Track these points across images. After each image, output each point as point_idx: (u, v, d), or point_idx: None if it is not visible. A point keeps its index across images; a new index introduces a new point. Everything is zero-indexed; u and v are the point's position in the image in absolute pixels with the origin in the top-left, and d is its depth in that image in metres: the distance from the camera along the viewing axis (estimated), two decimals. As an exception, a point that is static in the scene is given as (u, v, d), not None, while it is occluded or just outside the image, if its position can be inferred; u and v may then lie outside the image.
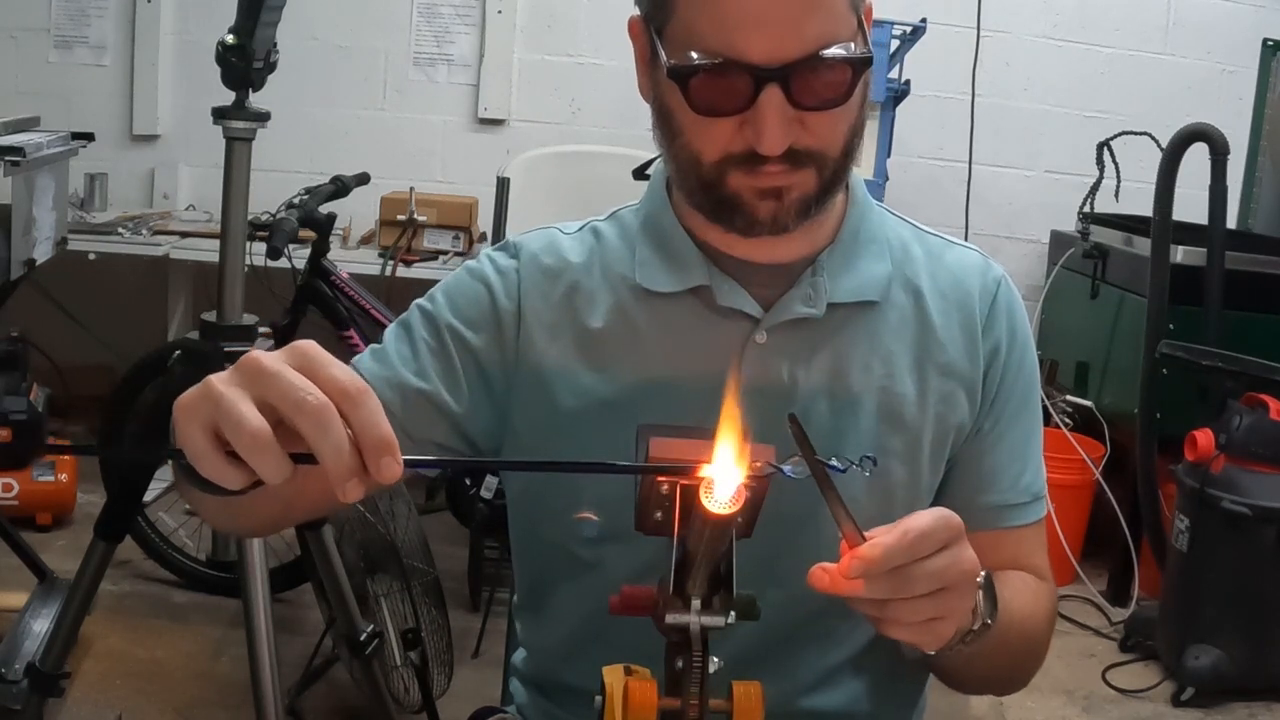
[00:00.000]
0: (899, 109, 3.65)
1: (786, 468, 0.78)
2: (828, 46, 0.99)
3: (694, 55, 1.00)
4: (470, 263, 1.21)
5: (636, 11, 1.09)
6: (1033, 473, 1.21)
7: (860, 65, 1.01)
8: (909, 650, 1.06)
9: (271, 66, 2.01)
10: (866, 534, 0.87)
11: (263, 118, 2.03)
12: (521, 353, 1.15)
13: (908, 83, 3.61)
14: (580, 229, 1.21)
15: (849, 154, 1.07)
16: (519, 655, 1.32)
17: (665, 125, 1.08)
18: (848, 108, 1.03)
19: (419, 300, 1.20)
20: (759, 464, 0.75)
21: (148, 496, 3.09)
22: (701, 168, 1.05)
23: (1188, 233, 3.35)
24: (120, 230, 3.59)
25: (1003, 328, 1.18)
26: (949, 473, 1.19)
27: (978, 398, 1.17)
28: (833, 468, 0.80)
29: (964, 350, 1.17)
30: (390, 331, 1.19)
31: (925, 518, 0.90)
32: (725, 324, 1.12)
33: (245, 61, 1.95)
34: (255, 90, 2.01)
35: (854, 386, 1.13)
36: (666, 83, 1.04)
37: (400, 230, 3.57)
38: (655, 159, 1.19)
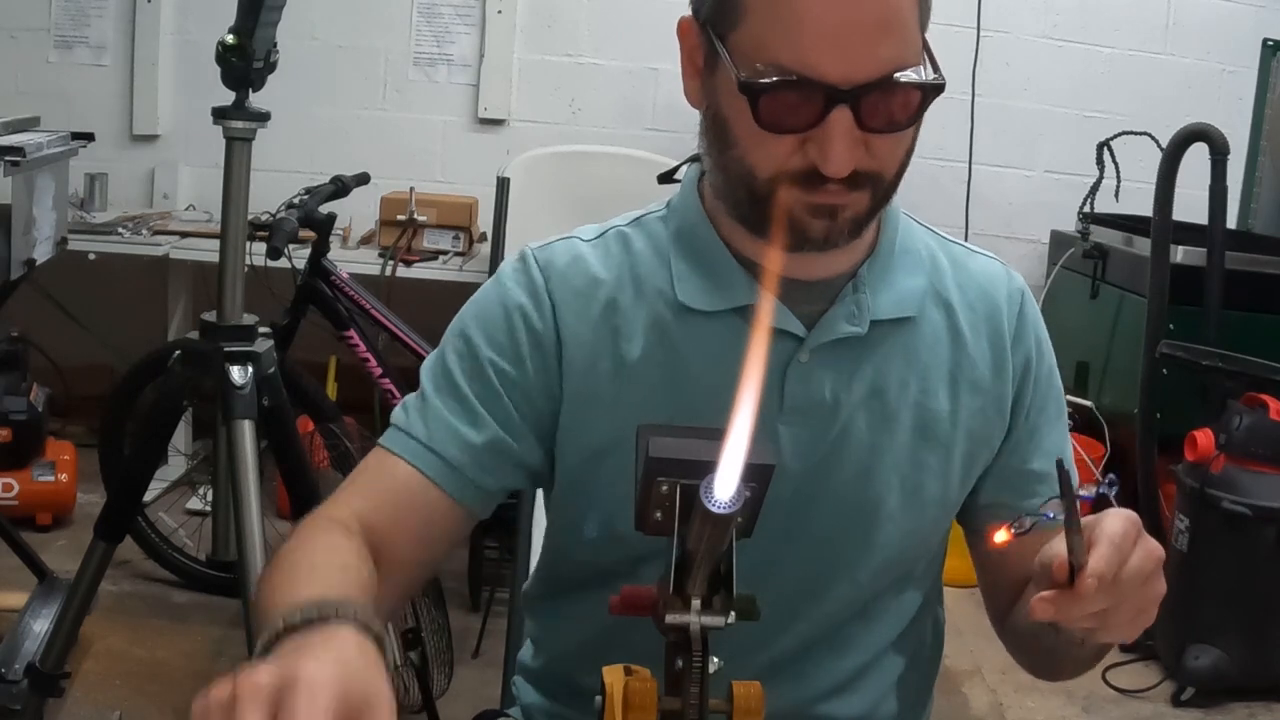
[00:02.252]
0: (899, 109, 3.64)
1: (1049, 513, 0.89)
2: (900, 70, 0.98)
3: (764, 68, 0.97)
4: (493, 289, 1.15)
5: (687, 12, 1.06)
6: (1071, 468, 1.21)
7: (931, 91, 1.00)
8: (1069, 647, 1.07)
9: (271, 66, 2.02)
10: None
11: (263, 118, 2.03)
12: (565, 377, 1.12)
13: (908, 83, 3.61)
14: (601, 236, 1.17)
15: (901, 174, 1.06)
16: (526, 652, 1.30)
17: (719, 135, 1.04)
18: (908, 130, 1.02)
19: (451, 341, 1.14)
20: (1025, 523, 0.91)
21: (148, 496, 3.09)
22: (755, 182, 1.02)
23: (1188, 233, 3.35)
24: (120, 230, 3.59)
25: (1031, 341, 1.19)
26: (994, 484, 1.19)
27: (1006, 413, 1.17)
28: (1085, 497, 0.89)
29: (992, 364, 1.16)
30: (430, 383, 1.13)
31: (1115, 521, 0.92)
32: (769, 342, 1.08)
33: (245, 61, 1.96)
34: (255, 90, 2.01)
35: (892, 403, 1.12)
36: (727, 92, 1.00)
37: (400, 230, 3.56)
38: (682, 164, 1.16)
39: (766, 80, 0.96)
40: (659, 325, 1.11)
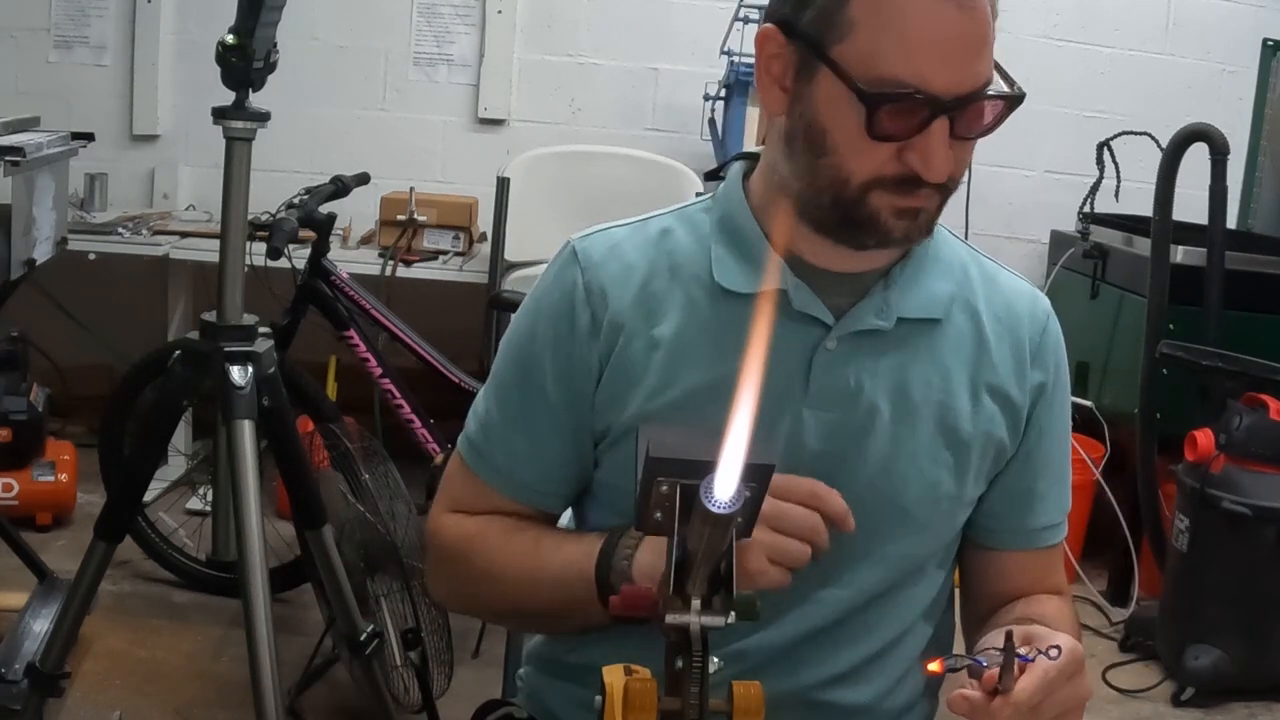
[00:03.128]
0: (899, 109, 3.64)
1: (982, 660, 0.99)
2: (988, 83, 1.04)
3: (875, 80, 1.01)
4: (540, 291, 1.22)
5: (767, 23, 1.09)
6: (1068, 492, 1.27)
7: (1015, 102, 1.06)
8: None
9: (271, 66, 2.01)
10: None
11: (263, 118, 2.02)
12: (602, 358, 1.17)
13: (908, 83, 3.60)
14: (640, 224, 1.22)
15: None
16: (534, 637, 1.34)
17: (811, 143, 1.08)
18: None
19: (510, 353, 1.23)
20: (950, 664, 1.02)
21: (148, 496, 3.09)
22: (848, 187, 1.07)
23: (1188, 233, 3.35)
24: (120, 230, 3.59)
25: (1050, 363, 1.23)
26: (998, 496, 1.23)
27: (1021, 424, 1.21)
28: (1023, 658, 0.98)
29: (1013, 375, 1.20)
30: (493, 398, 1.23)
31: (1061, 658, 0.98)
32: (797, 328, 1.15)
33: (245, 61, 1.95)
34: (255, 90, 2.01)
35: (914, 399, 1.16)
36: (827, 101, 1.05)
37: (400, 230, 3.56)
38: (729, 162, 1.20)
39: (888, 92, 1.01)
40: (692, 305, 1.16)
